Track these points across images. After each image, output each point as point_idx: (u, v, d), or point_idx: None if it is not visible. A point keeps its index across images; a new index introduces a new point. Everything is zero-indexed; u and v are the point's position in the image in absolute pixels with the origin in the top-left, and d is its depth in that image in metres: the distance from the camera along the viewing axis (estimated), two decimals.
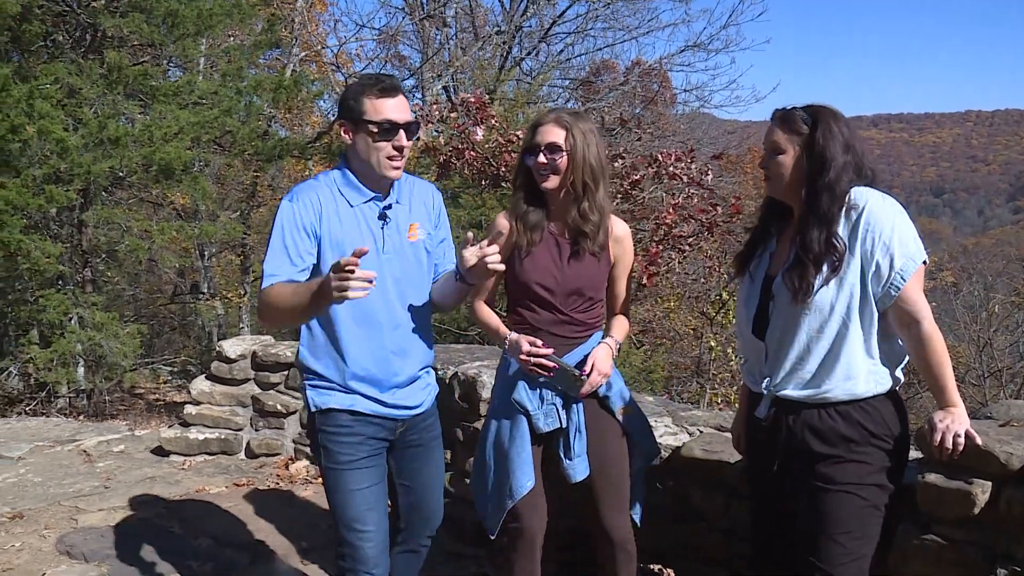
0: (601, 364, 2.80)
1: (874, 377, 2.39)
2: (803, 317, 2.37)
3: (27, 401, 9.56)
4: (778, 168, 2.44)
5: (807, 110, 2.42)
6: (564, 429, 2.85)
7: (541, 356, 2.75)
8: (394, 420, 2.74)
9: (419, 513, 2.92)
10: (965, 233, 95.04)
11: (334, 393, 2.68)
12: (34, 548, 4.24)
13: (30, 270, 8.87)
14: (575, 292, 2.86)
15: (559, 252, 2.87)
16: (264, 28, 10.99)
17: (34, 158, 8.22)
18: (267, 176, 16.39)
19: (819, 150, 2.36)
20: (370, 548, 2.66)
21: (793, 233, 2.46)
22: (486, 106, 7.03)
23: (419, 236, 2.77)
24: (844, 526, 2.36)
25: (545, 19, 16.38)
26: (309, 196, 2.63)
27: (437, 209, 2.89)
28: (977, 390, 13.28)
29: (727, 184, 10.63)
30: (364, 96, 2.58)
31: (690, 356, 12.75)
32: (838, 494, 2.37)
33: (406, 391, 2.76)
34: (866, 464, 2.38)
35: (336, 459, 2.67)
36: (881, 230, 2.31)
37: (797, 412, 2.44)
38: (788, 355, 2.43)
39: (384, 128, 2.56)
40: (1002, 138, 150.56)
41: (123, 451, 5.87)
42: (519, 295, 2.93)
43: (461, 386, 4.26)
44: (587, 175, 2.78)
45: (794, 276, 2.36)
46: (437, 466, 2.96)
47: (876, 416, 2.39)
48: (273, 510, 4.75)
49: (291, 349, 5.64)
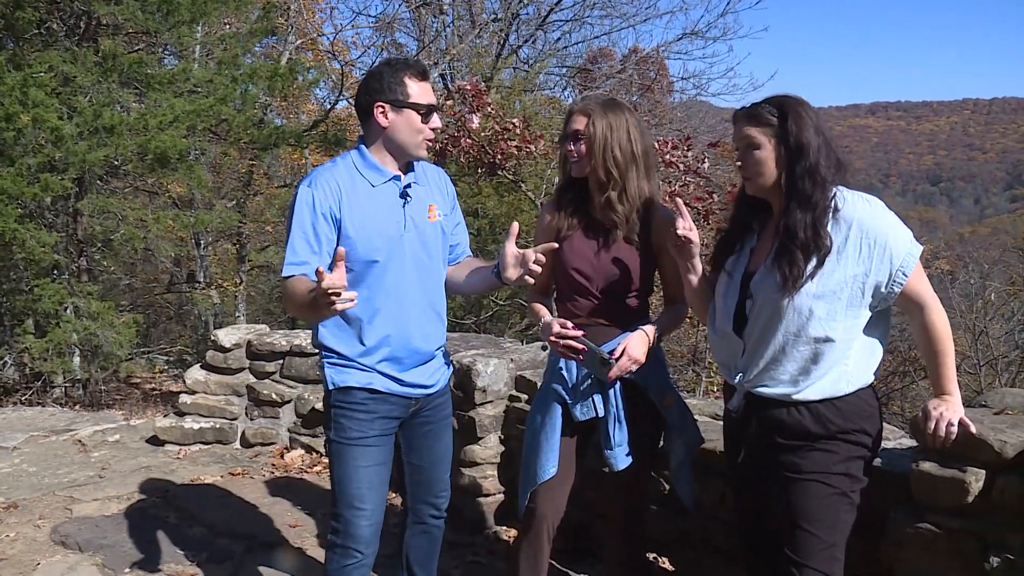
0: (633, 350, 2.74)
1: (847, 378, 2.39)
2: (781, 318, 2.37)
3: (22, 391, 9.57)
4: (757, 164, 2.41)
5: (771, 102, 2.41)
6: (603, 418, 2.84)
7: (571, 338, 2.73)
8: (409, 399, 2.78)
9: (425, 490, 2.94)
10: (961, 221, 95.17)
11: (352, 371, 2.70)
12: (28, 538, 4.24)
13: (25, 259, 8.87)
14: (612, 279, 2.84)
15: (598, 239, 2.86)
16: (260, 16, 10.96)
17: (29, 147, 8.20)
18: (263, 164, 16.38)
19: (795, 136, 2.34)
20: (365, 527, 2.69)
21: (775, 225, 2.45)
22: (482, 94, 7.00)
23: (437, 217, 2.81)
24: (812, 515, 2.35)
25: (542, 7, 16.32)
26: (328, 180, 2.64)
27: (451, 193, 2.95)
28: (973, 378, 13.30)
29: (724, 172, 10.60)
30: (406, 78, 2.63)
31: (686, 344, 12.77)
32: (805, 483, 2.38)
33: (422, 369, 2.80)
34: (832, 453, 2.38)
35: (346, 434, 2.69)
36: (875, 236, 2.31)
37: (767, 408, 2.45)
38: (763, 354, 2.43)
39: (429, 110, 2.66)
40: (999, 126, 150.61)
41: (118, 441, 5.86)
42: (561, 282, 2.95)
43: (456, 374, 4.26)
44: (610, 163, 2.75)
45: (783, 263, 2.34)
46: (446, 445, 2.99)
47: (847, 412, 2.38)
48: (268, 499, 4.75)
49: (286, 338, 5.64)
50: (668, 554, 3.74)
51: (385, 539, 2.83)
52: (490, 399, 4.23)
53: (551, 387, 2.91)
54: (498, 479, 4.28)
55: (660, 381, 2.92)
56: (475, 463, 4.24)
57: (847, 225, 2.33)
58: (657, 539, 3.67)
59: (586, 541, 3.81)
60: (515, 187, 8.96)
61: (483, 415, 4.22)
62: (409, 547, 2.99)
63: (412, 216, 2.72)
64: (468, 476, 4.24)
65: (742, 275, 2.53)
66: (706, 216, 6.52)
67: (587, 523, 3.69)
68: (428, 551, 3.03)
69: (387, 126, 2.65)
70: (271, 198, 17.76)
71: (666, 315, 2.97)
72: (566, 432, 2.88)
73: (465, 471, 4.24)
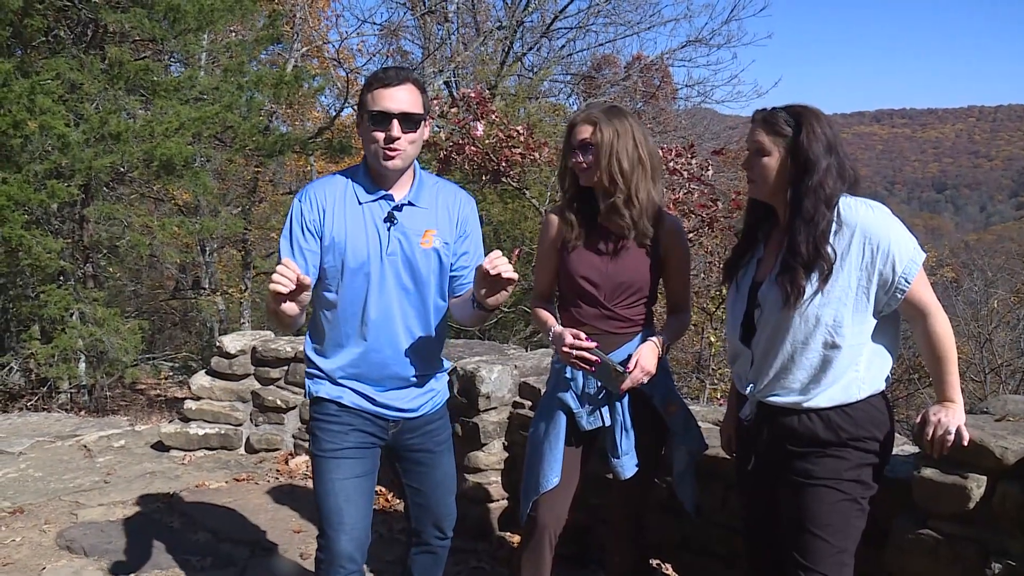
0: (645, 361, 2.74)
1: (858, 384, 2.39)
2: (788, 327, 2.38)
3: (28, 396, 9.60)
4: (762, 170, 2.43)
5: (789, 111, 2.41)
6: (610, 427, 2.84)
7: (584, 349, 2.73)
8: (385, 420, 2.71)
9: (428, 514, 2.90)
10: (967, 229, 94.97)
11: (325, 383, 2.69)
12: (34, 543, 4.25)
13: (31, 266, 8.90)
14: (620, 287, 2.84)
15: (606, 247, 2.86)
16: (266, 23, 11.02)
17: (35, 153, 8.24)
18: (268, 171, 16.44)
19: (803, 153, 2.35)
20: (344, 542, 2.60)
21: (780, 239, 2.47)
22: (487, 101, 7.04)
23: (433, 243, 2.64)
24: (823, 520, 2.36)
25: (547, 14, 16.41)
26: (316, 194, 2.60)
27: (464, 221, 2.76)
28: (978, 386, 13.29)
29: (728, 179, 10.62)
30: (368, 88, 2.55)
31: (690, 351, 12.76)
32: (816, 488, 2.38)
33: (401, 393, 2.71)
34: (844, 459, 2.38)
35: (322, 446, 2.66)
36: (879, 241, 2.31)
37: (778, 416, 2.46)
38: (772, 364, 2.43)
39: (375, 117, 2.49)
40: (1005, 134, 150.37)
41: (123, 446, 5.88)
42: (566, 290, 2.94)
43: (460, 381, 4.27)
44: (616, 170, 2.75)
45: (785, 281, 2.35)
46: (446, 471, 2.92)
47: (858, 419, 2.38)
48: (273, 505, 4.76)
49: (290, 344, 5.65)
50: (670, 559, 3.74)
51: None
52: (494, 405, 4.24)
53: (557, 395, 2.90)
54: (502, 485, 4.29)
55: (664, 388, 2.92)
56: (479, 469, 4.25)
57: (850, 231, 2.33)
58: (659, 544, 3.67)
59: (589, 546, 3.81)
60: (519, 194, 8.99)
61: (487, 421, 4.22)
62: (413, 564, 2.97)
63: (399, 238, 2.60)
64: (472, 482, 4.25)
65: (749, 285, 2.54)
66: (710, 223, 6.54)
67: (591, 528, 3.70)
68: (432, 569, 3.01)
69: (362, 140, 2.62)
70: (276, 205, 17.81)
71: (671, 324, 2.98)
72: (570, 441, 2.88)
73: (469, 477, 4.25)
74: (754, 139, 2.45)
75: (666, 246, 2.86)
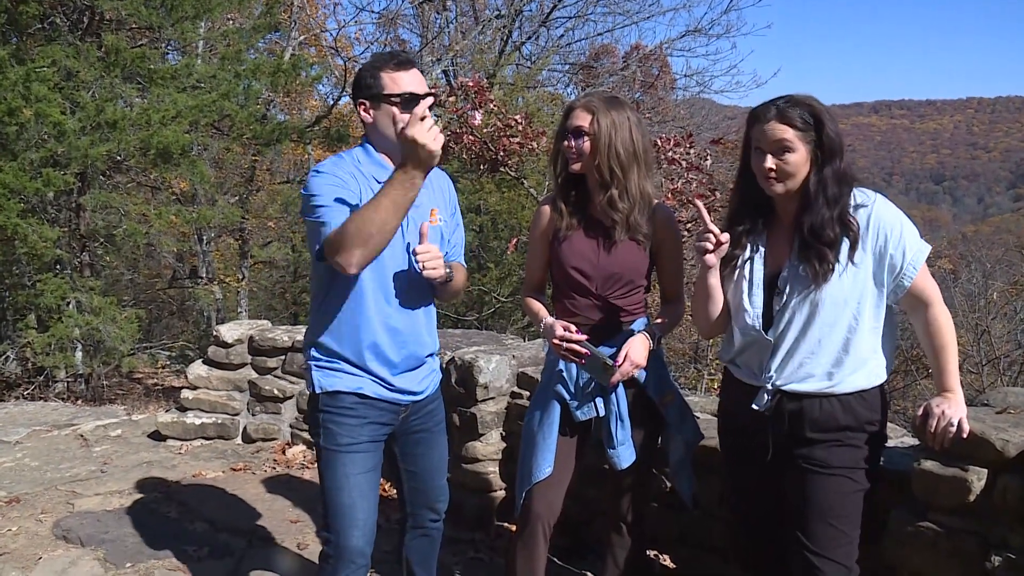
0: (634, 354, 2.73)
1: (876, 369, 2.46)
2: (817, 311, 2.41)
3: (25, 385, 9.59)
4: (791, 167, 2.42)
5: (798, 105, 2.40)
6: (605, 417, 2.84)
7: (574, 342, 2.72)
8: (399, 405, 2.71)
9: (424, 497, 2.91)
10: (964, 220, 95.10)
11: (341, 375, 2.64)
12: (31, 532, 4.24)
13: (28, 254, 8.88)
14: (612, 277, 2.83)
15: (597, 237, 2.85)
16: (263, 11, 10.97)
17: (31, 141, 8.20)
18: (265, 160, 16.40)
19: (831, 141, 2.39)
20: (357, 538, 2.61)
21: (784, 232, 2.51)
22: (485, 90, 7.00)
23: (438, 221, 2.73)
24: (837, 509, 2.41)
25: (545, 3, 16.33)
26: (337, 168, 2.56)
27: (453, 198, 2.88)
28: (975, 377, 13.32)
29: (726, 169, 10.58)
30: (381, 72, 2.54)
31: (687, 342, 12.78)
32: (833, 478, 2.42)
33: (413, 375, 2.73)
34: (858, 448, 2.44)
35: (336, 440, 2.62)
36: (891, 227, 2.39)
37: (800, 403, 2.47)
38: (798, 349, 2.46)
39: (406, 99, 2.52)
40: (1003, 125, 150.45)
41: (120, 436, 5.87)
42: (559, 281, 2.93)
43: (458, 371, 4.26)
44: (613, 161, 2.74)
45: (813, 257, 2.39)
46: (441, 451, 2.94)
47: (871, 404, 2.45)
48: (269, 495, 4.75)
49: (288, 334, 5.64)
50: (668, 551, 3.74)
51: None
52: (492, 395, 4.23)
53: (551, 387, 2.90)
54: (500, 475, 4.28)
55: (659, 379, 2.92)
56: (477, 459, 4.24)
57: (865, 216, 2.40)
58: (657, 536, 3.67)
59: (586, 538, 3.81)
60: (517, 184, 8.97)
61: (485, 411, 4.21)
62: (409, 550, 2.97)
63: (414, 218, 2.62)
64: (470, 472, 4.24)
65: (762, 276, 2.54)
66: (708, 213, 6.52)
67: (587, 520, 3.69)
68: (428, 553, 3.01)
69: (370, 123, 2.60)
70: (274, 194, 17.79)
71: (665, 315, 2.96)
72: (564, 431, 2.87)
73: (467, 467, 4.24)
74: (777, 136, 2.40)
75: (658, 237, 2.86)
